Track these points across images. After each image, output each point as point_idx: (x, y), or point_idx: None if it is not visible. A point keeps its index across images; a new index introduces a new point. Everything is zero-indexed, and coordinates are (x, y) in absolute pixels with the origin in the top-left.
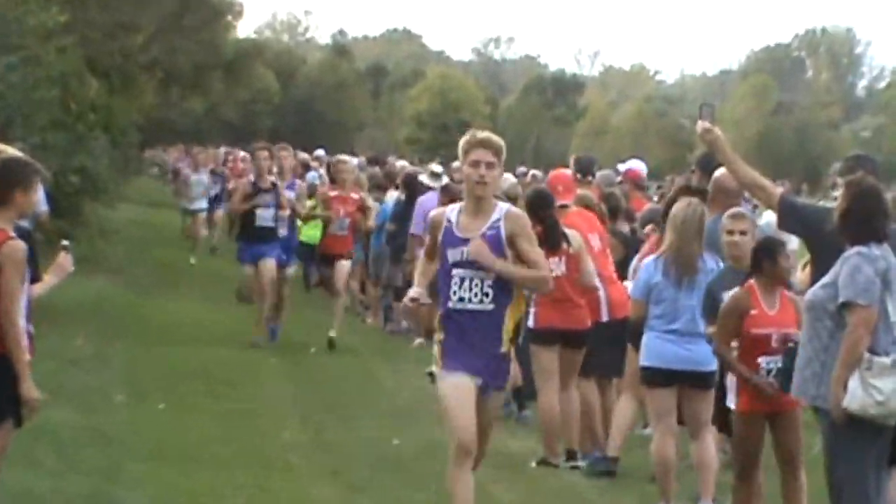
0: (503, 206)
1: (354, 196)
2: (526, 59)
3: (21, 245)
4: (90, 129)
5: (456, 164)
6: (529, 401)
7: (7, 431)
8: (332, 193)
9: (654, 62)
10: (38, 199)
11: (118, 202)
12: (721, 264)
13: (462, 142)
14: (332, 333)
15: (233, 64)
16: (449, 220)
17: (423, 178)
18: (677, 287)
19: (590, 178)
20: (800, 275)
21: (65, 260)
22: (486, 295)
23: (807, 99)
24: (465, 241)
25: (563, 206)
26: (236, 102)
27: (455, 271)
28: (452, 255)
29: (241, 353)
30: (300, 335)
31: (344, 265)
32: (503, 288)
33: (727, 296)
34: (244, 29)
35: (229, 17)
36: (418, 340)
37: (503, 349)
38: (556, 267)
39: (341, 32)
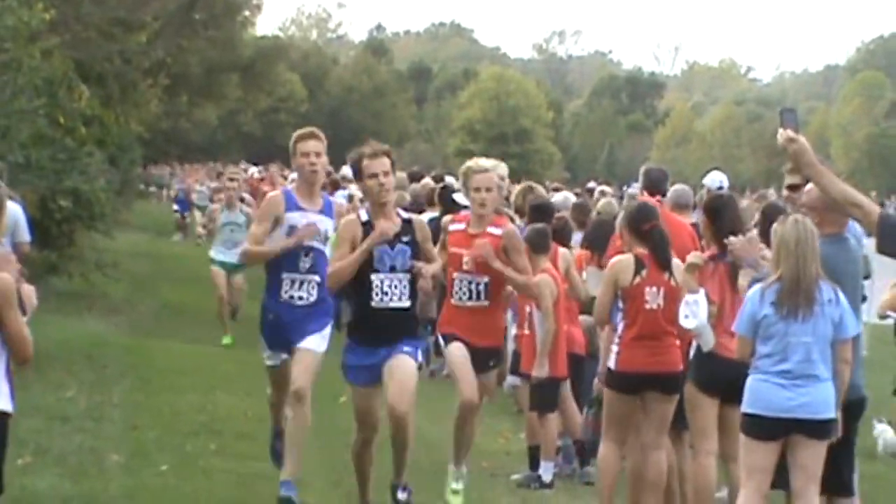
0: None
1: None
2: (596, 57)
3: (9, 278)
4: (82, 145)
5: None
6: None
7: None
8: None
9: (746, 58)
10: (16, 225)
11: (117, 230)
12: (840, 295)
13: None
14: None
15: (251, 66)
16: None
17: (458, 197)
18: (791, 320)
19: (659, 196)
20: (886, 296)
21: (27, 291)
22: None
23: None
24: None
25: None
26: (256, 111)
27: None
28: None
29: (258, 404)
30: (327, 382)
31: None
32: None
33: None
34: (265, 25)
35: (247, 12)
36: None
37: None
38: (651, 299)
39: (379, 28)
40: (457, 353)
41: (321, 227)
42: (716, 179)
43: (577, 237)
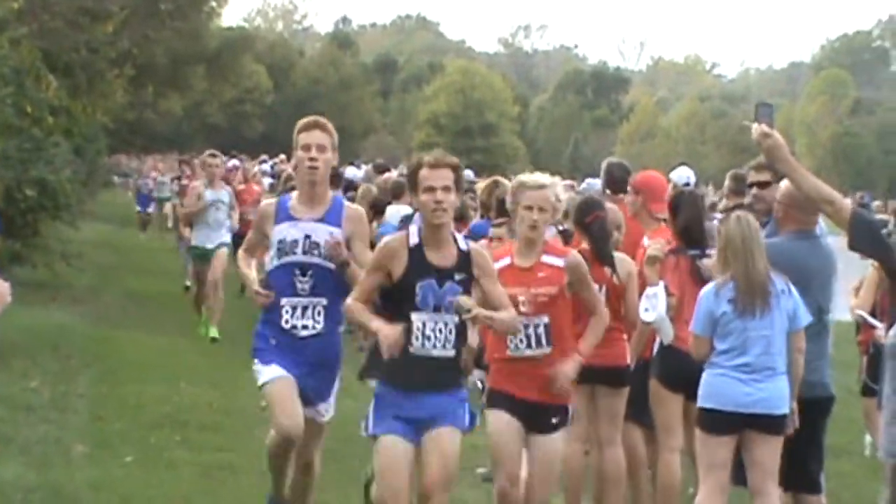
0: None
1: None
2: (561, 51)
3: None
4: (49, 135)
5: (467, 172)
6: None
7: None
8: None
9: (712, 54)
10: None
11: (82, 220)
12: (791, 286)
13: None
14: None
15: (217, 57)
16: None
17: None
18: (749, 318)
19: (622, 195)
20: (854, 300)
21: (2, 287)
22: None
23: (891, 96)
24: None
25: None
26: (222, 102)
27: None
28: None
29: (224, 395)
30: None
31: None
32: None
33: None
34: (231, 16)
35: (213, 3)
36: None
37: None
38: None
39: (344, 20)
40: (502, 429)
41: (320, 236)
42: (683, 175)
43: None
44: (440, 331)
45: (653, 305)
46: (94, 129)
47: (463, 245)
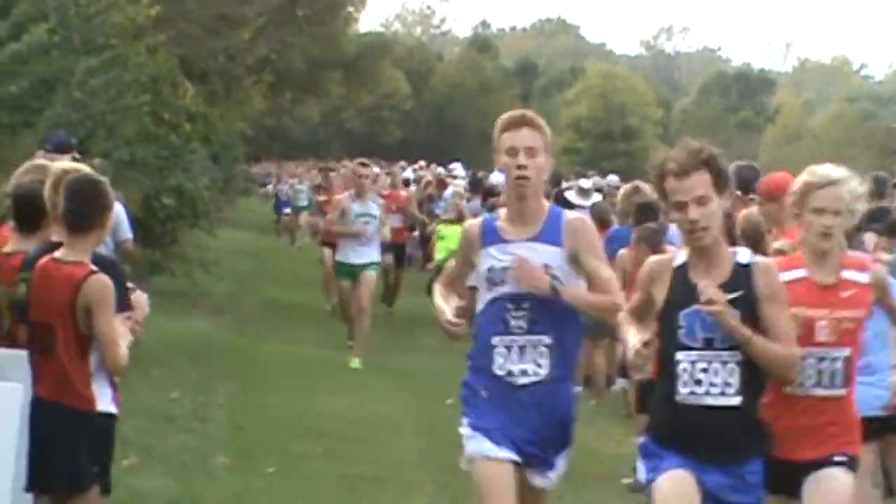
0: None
1: None
2: (704, 53)
3: (107, 280)
4: (186, 142)
5: (612, 177)
6: None
7: (95, 499)
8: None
9: (860, 54)
10: (117, 223)
11: (220, 228)
12: None
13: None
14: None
15: (355, 63)
16: None
17: (571, 196)
18: None
19: (751, 195)
20: None
21: (139, 299)
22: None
23: None
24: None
25: None
26: (359, 108)
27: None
28: None
29: (364, 405)
30: (435, 383)
31: None
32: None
33: None
34: (368, 22)
35: (350, 9)
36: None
37: None
38: None
39: (484, 24)
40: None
41: (538, 261)
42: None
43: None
44: (716, 372)
45: None
46: (232, 136)
47: (744, 258)
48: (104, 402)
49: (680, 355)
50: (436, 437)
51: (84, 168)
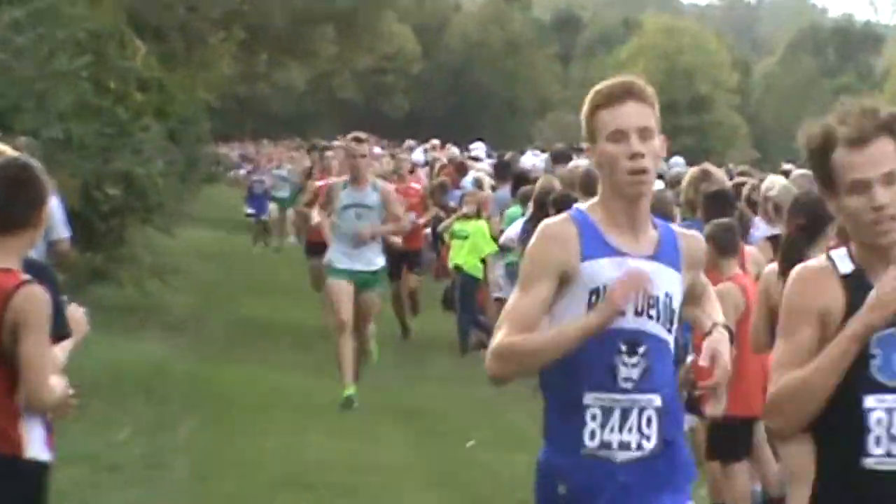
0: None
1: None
2: (793, 2)
3: (41, 292)
4: (137, 116)
5: (676, 159)
6: None
7: None
8: None
9: None
10: (52, 219)
11: (179, 225)
12: None
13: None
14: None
15: (350, 15)
16: None
17: None
18: None
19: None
20: None
21: (76, 314)
22: None
23: None
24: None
25: None
26: (356, 73)
27: None
28: None
29: (363, 448)
30: (451, 421)
31: None
32: None
33: None
34: None
35: None
36: None
37: None
38: None
39: None
40: None
41: (654, 283)
42: None
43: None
44: None
45: None
46: (195, 109)
47: None
48: (35, 446)
49: (870, 400)
50: (453, 490)
51: (7, 150)
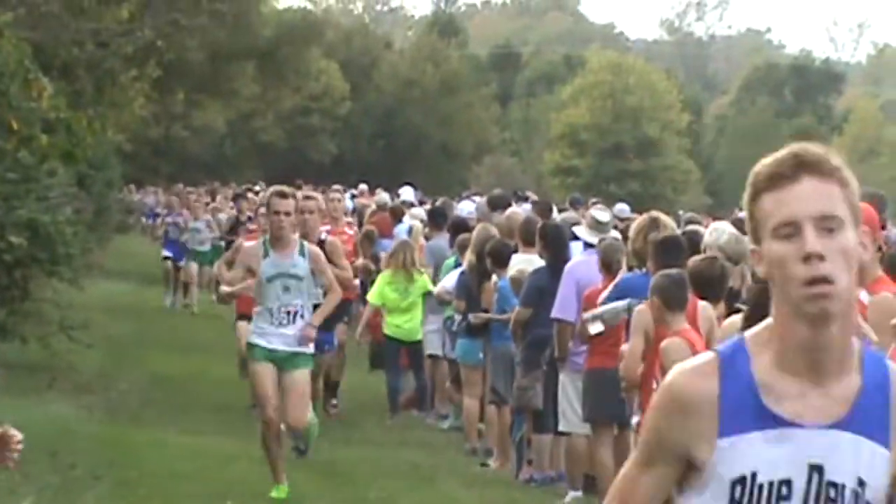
0: None
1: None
2: (748, 37)
3: None
4: (42, 160)
5: (620, 206)
6: None
7: None
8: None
9: None
10: None
11: (88, 278)
12: None
13: None
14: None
15: (273, 52)
16: None
17: (581, 231)
18: None
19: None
20: None
21: None
22: None
23: None
24: None
25: None
26: (279, 114)
27: None
28: None
29: None
30: (383, 486)
31: None
32: None
33: None
34: None
35: None
36: (572, 494)
37: None
38: None
39: (447, 0)
40: None
41: (847, 474)
42: None
43: None
44: None
45: None
46: (105, 152)
47: None
48: None
49: None
50: None
51: None
